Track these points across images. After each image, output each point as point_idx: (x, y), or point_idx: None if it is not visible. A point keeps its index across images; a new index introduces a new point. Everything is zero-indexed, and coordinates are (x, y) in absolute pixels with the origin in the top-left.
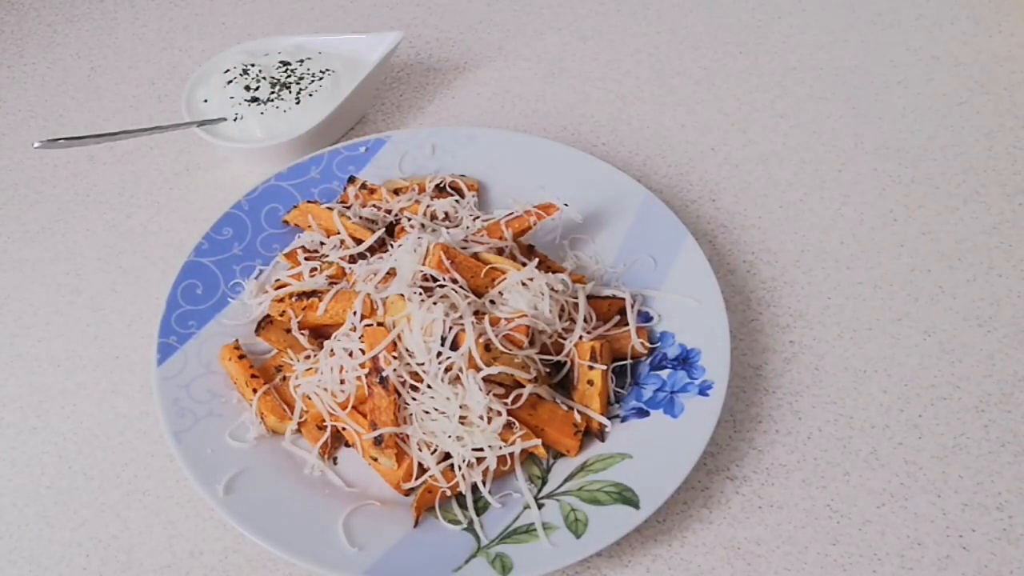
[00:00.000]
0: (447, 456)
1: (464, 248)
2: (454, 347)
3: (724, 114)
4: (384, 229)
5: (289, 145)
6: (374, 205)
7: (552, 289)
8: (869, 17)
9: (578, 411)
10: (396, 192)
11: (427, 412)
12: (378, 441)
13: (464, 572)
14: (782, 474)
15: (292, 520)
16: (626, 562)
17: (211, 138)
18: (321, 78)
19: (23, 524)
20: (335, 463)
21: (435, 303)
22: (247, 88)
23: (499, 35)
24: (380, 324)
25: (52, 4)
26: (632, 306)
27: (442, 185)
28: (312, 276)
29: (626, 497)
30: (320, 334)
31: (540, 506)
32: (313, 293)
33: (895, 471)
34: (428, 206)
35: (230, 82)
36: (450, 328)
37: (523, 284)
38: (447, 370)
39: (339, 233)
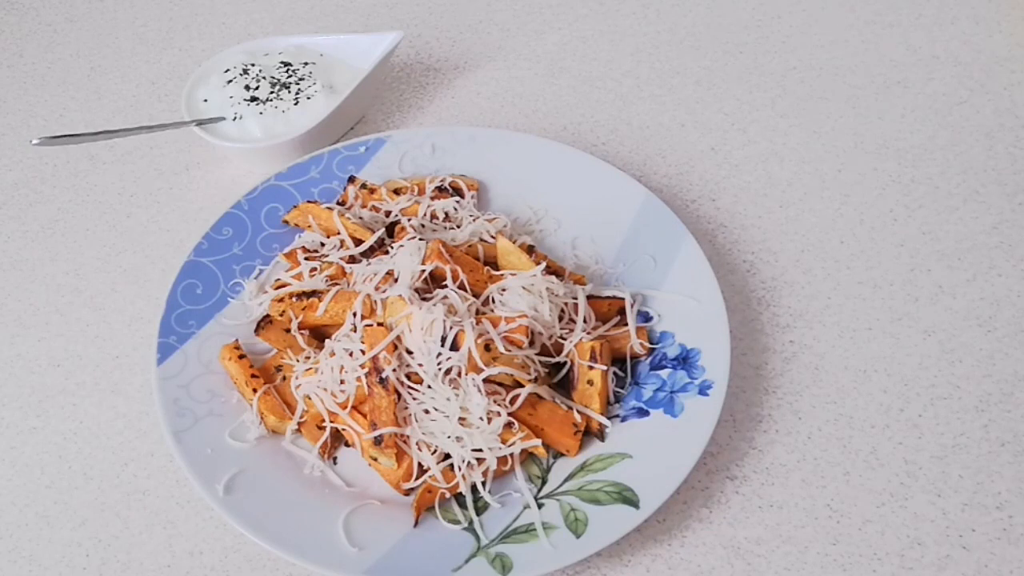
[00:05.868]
0: (447, 456)
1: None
2: (454, 348)
3: (724, 114)
4: (384, 229)
5: (289, 145)
6: (374, 206)
7: (552, 293)
8: (869, 17)
9: (578, 411)
10: (396, 192)
11: (427, 412)
12: (378, 441)
13: (464, 572)
14: (782, 474)
15: (292, 520)
16: (626, 562)
17: (210, 137)
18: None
19: (23, 524)
20: (335, 463)
21: (435, 304)
22: (247, 88)
23: (499, 35)
24: (380, 324)
25: (52, 4)
26: (632, 306)
27: (442, 185)
28: (312, 276)
29: (626, 497)
30: (320, 334)
31: (540, 506)
32: (313, 293)
33: (895, 471)
34: (428, 206)
35: (230, 82)
36: (450, 328)
37: (524, 288)
38: (447, 372)
39: (339, 233)
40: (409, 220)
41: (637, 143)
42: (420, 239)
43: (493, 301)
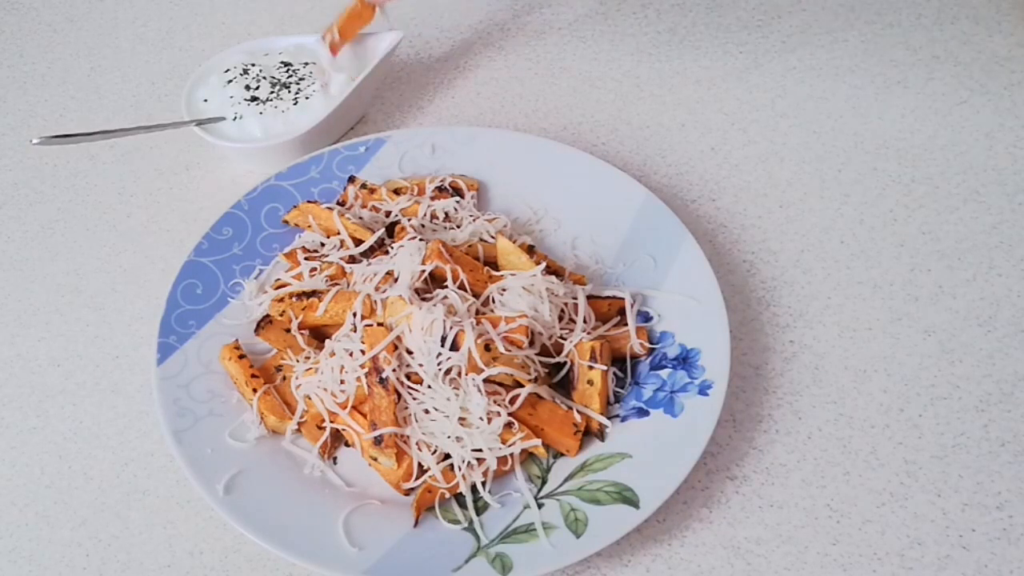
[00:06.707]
0: (447, 456)
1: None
2: (454, 348)
3: (724, 114)
4: (384, 229)
5: (289, 145)
6: (374, 206)
7: (552, 293)
8: (869, 17)
9: (578, 411)
10: (396, 192)
11: (427, 412)
12: (378, 441)
13: (464, 572)
14: (782, 474)
15: (292, 520)
16: (626, 562)
17: (210, 137)
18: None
19: (23, 524)
20: (335, 463)
21: (435, 304)
22: (247, 88)
23: (499, 35)
24: (380, 324)
25: (52, 4)
26: (632, 306)
27: (442, 185)
28: (312, 276)
29: (626, 497)
30: (320, 334)
31: (540, 506)
32: (313, 293)
33: (895, 471)
34: (428, 206)
35: (230, 82)
36: (450, 328)
37: (524, 288)
38: (447, 372)
39: (339, 233)
40: (409, 220)
41: (637, 143)
42: (420, 239)
43: (493, 301)
